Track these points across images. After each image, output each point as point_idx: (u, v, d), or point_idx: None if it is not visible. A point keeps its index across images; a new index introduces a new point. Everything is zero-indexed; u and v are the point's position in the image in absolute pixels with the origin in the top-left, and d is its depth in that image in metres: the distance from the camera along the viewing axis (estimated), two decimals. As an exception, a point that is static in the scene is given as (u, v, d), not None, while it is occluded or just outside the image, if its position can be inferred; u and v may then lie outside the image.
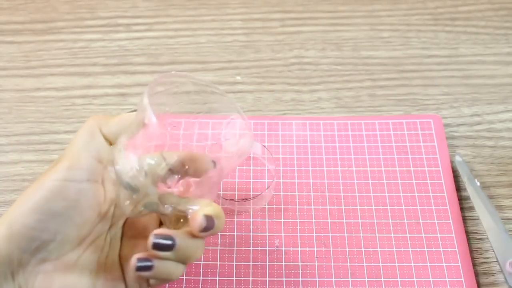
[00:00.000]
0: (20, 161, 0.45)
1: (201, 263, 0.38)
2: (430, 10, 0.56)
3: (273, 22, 0.55)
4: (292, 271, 0.38)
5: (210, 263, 0.38)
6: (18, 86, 0.50)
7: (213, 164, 0.33)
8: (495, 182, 0.43)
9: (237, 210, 0.41)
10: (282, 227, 0.40)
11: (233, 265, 0.38)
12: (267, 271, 0.38)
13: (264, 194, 0.41)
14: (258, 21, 0.55)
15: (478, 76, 0.50)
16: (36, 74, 0.51)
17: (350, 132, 0.45)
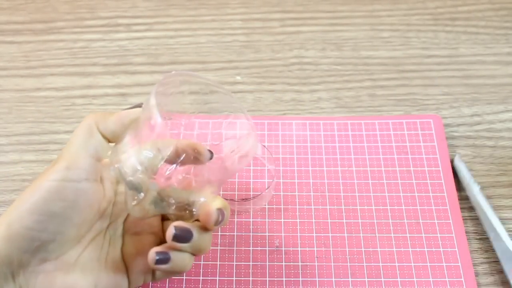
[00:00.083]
0: (20, 161, 0.45)
1: (201, 263, 0.38)
2: (430, 10, 0.56)
3: (273, 22, 0.55)
4: (292, 271, 0.38)
5: (210, 263, 0.38)
6: (18, 86, 0.50)
7: (210, 153, 0.33)
8: (495, 182, 0.43)
9: (237, 210, 0.41)
10: (282, 227, 0.40)
11: (233, 265, 0.38)
12: (267, 271, 0.38)
13: (264, 194, 0.41)
14: (258, 21, 0.55)
15: (478, 76, 0.50)
16: (36, 74, 0.51)
17: (350, 132, 0.45)
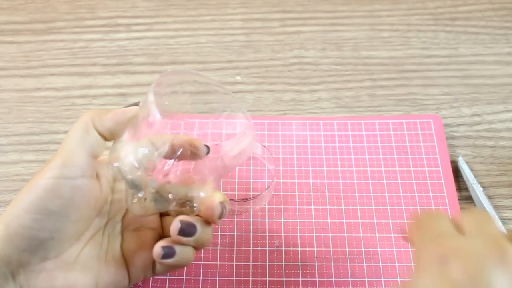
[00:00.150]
0: (20, 161, 0.45)
1: (201, 263, 0.38)
2: (430, 10, 0.56)
3: (273, 22, 0.55)
4: (292, 271, 0.38)
5: (210, 263, 0.38)
6: (18, 86, 0.50)
7: (207, 148, 0.33)
8: (495, 182, 0.43)
9: (237, 210, 0.41)
10: (282, 227, 0.40)
11: (233, 265, 0.38)
12: (267, 271, 0.38)
13: (264, 194, 0.41)
14: (258, 21, 0.55)
15: (478, 76, 0.50)
16: (36, 74, 0.51)
17: (350, 132, 0.45)
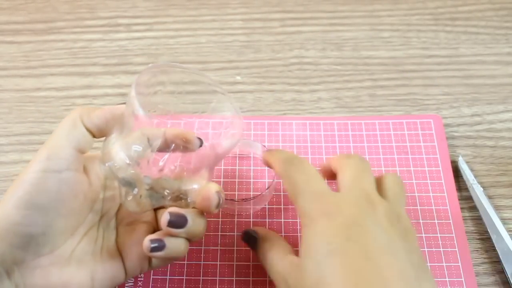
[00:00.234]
0: (20, 161, 0.45)
1: (201, 263, 0.38)
2: (430, 10, 0.56)
3: (273, 22, 0.55)
4: (292, 271, 0.38)
5: (210, 263, 0.38)
6: (18, 86, 0.50)
7: (199, 140, 0.33)
8: (495, 182, 0.43)
9: (237, 210, 0.41)
10: (282, 227, 0.40)
11: (233, 265, 0.38)
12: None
13: (264, 194, 0.41)
14: (258, 21, 0.55)
15: (478, 76, 0.50)
16: (36, 74, 0.51)
17: (350, 132, 0.45)
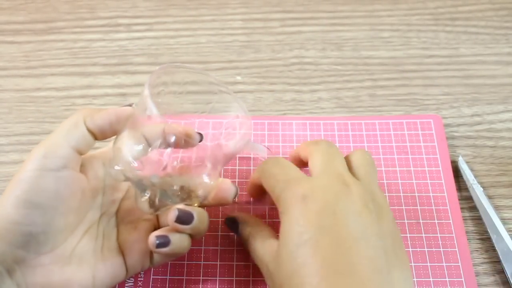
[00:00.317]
0: (20, 161, 0.45)
1: (201, 263, 0.38)
2: (430, 10, 0.56)
3: (273, 22, 0.55)
4: (292, 271, 0.38)
5: (210, 263, 0.38)
6: (18, 86, 0.50)
7: (199, 135, 0.33)
8: (495, 182, 0.43)
9: (237, 210, 0.41)
10: (282, 227, 0.40)
11: (233, 265, 0.38)
12: (267, 271, 0.38)
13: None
14: (258, 21, 0.55)
15: (478, 76, 0.50)
16: (36, 74, 0.51)
17: (350, 132, 0.45)
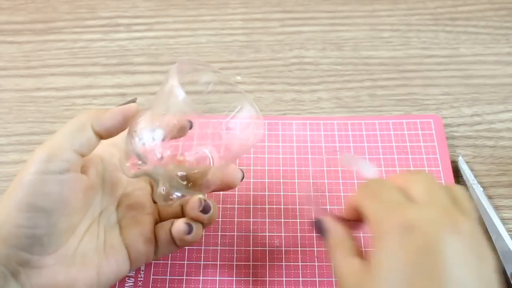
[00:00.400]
0: (20, 161, 0.45)
1: (201, 263, 0.38)
2: (430, 10, 0.56)
3: (273, 22, 0.55)
4: (292, 271, 0.38)
5: (210, 263, 0.38)
6: (18, 86, 0.50)
7: (189, 122, 0.33)
8: (495, 182, 0.43)
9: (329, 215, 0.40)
10: (282, 227, 0.40)
11: (233, 265, 0.38)
12: (267, 271, 0.38)
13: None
14: (258, 21, 0.55)
15: (478, 76, 0.50)
16: (36, 74, 0.51)
17: (350, 132, 0.45)
